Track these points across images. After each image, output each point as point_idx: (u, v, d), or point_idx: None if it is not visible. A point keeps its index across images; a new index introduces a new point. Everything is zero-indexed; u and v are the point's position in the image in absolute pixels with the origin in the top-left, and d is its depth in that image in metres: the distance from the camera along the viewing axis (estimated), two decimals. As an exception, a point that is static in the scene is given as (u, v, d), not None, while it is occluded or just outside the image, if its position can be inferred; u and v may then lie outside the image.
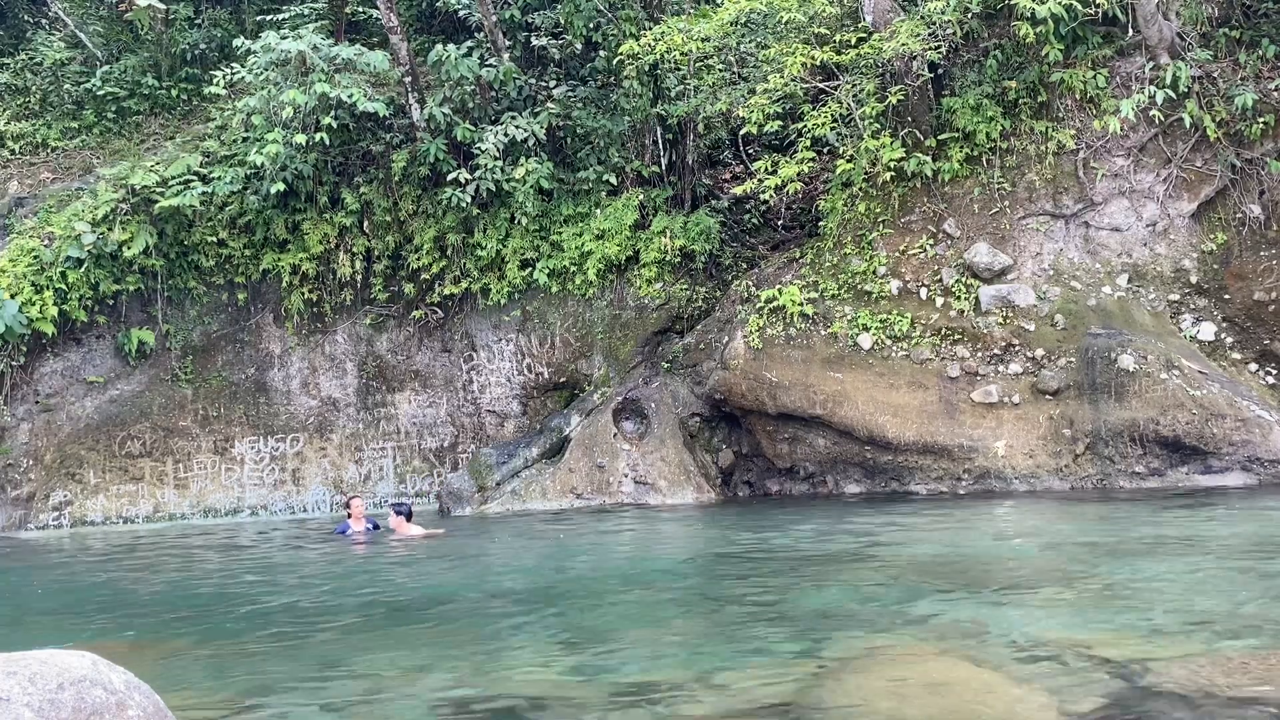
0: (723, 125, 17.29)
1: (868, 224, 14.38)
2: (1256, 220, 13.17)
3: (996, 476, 12.73)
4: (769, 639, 6.15)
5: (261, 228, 15.91)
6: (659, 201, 15.78)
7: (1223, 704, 4.48)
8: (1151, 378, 12.23)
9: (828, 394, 13.49)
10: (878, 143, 13.78)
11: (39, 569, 12.08)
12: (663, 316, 15.53)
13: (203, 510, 15.66)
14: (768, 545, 10.17)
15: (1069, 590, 7.13)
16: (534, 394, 15.97)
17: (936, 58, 13.80)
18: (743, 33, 15.36)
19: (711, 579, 8.91)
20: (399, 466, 16.25)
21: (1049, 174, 13.68)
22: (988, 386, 12.97)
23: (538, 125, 15.29)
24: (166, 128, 17.70)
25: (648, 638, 6.56)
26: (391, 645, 6.66)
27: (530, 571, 9.88)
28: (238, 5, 19.28)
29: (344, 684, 5.70)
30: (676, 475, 14.23)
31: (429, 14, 18.61)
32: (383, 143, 16.07)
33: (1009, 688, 4.86)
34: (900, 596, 7.22)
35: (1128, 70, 13.46)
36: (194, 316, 16.19)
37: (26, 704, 2.99)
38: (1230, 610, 6.26)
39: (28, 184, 16.56)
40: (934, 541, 9.70)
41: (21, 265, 14.81)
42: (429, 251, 15.92)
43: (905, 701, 4.80)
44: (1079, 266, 13.64)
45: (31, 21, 19.51)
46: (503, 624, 7.26)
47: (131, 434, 15.68)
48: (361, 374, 16.41)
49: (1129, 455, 12.37)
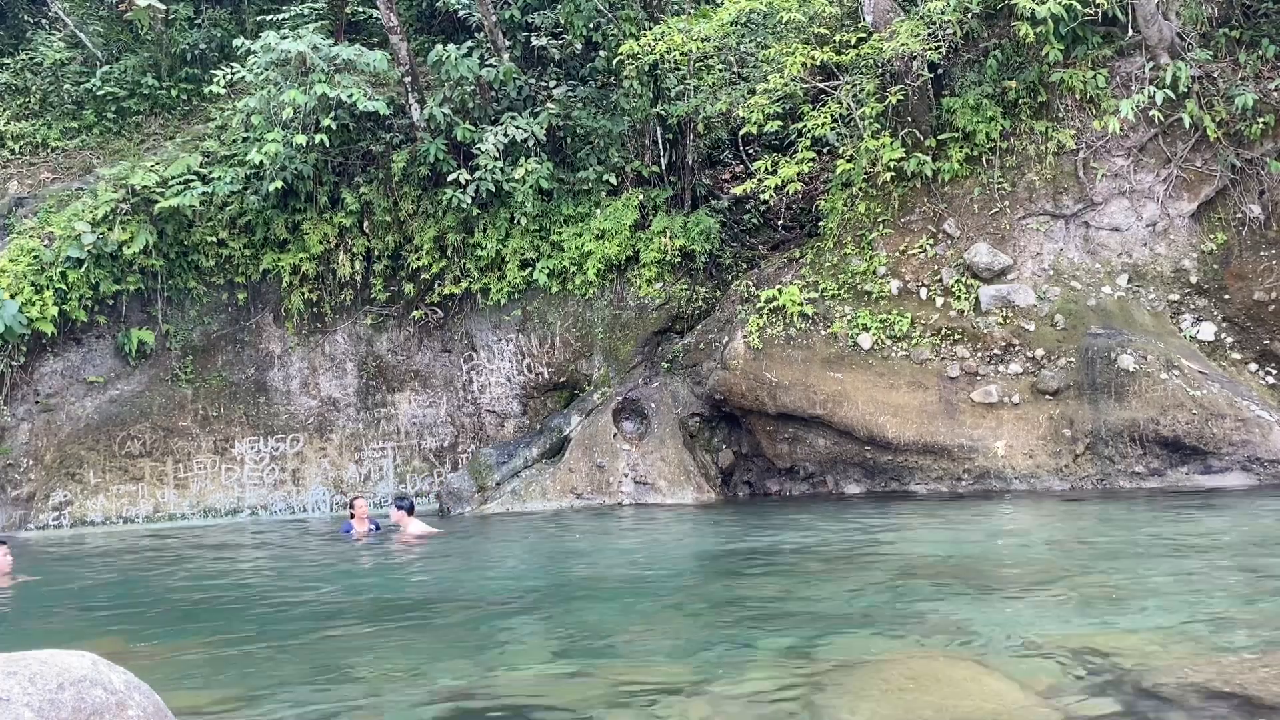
0: (723, 125, 17.29)
1: (868, 224, 14.38)
2: (1256, 220, 13.17)
3: (996, 476, 12.74)
4: (769, 639, 6.14)
5: (261, 228, 15.91)
6: (659, 201, 15.78)
7: (1223, 704, 4.48)
8: (1151, 378, 12.23)
9: (828, 394, 13.49)
10: (878, 143, 13.78)
11: (39, 569, 12.07)
12: (663, 316, 15.53)
13: (203, 510, 15.66)
14: (767, 545, 10.17)
15: (1069, 590, 7.13)
16: (534, 394, 15.96)
17: (936, 58, 13.80)
18: (743, 33, 15.36)
19: (711, 579, 8.91)
20: (399, 466, 16.25)
21: (1049, 174, 13.68)
22: (988, 386, 12.97)
23: (538, 125, 15.29)
24: (166, 128, 17.70)
25: (648, 638, 6.56)
26: (391, 645, 6.66)
27: (529, 572, 9.89)
28: (238, 5, 19.28)
29: (344, 684, 5.70)
30: (676, 475, 14.23)
31: (429, 14, 18.61)
32: (383, 143, 16.07)
33: (1009, 688, 4.86)
34: (900, 596, 7.23)
35: (1128, 70, 13.47)
36: (194, 316, 16.19)
37: (26, 704, 2.99)
38: (1230, 610, 6.26)
39: (28, 184, 16.55)
40: (934, 541, 9.71)
41: (21, 265, 14.81)
42: (429, 251, 15.92)
43: (905, 702, 4.80)
44: (1079, 266, 13.64)
45: (31, 21, 19.51)
46: (502, 624, 7.26)
47: (131, 434, 15.68)
48: (361, 374, 16.41)
49: (1129, 455, 12.37)
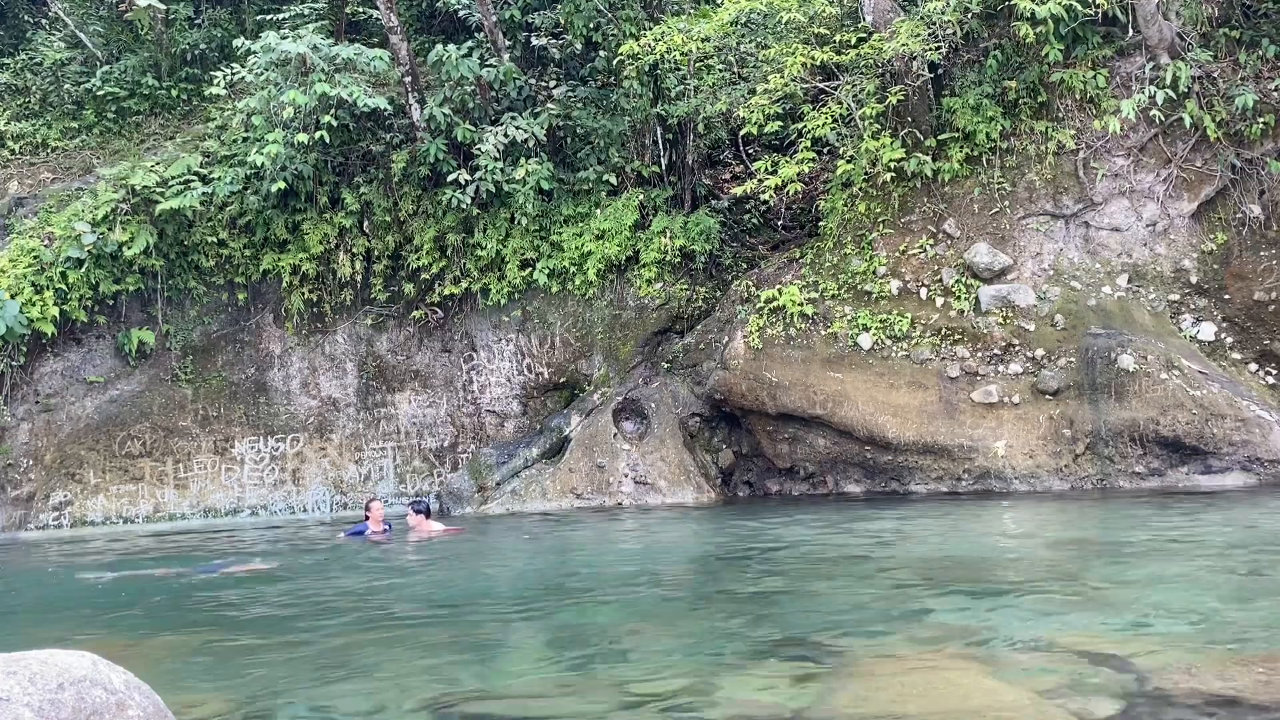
0: (723, 125, 17.27)
1: (868, 224, 14.38)
2: (1256, 220, 13.17)
3: (996, 476, 12.74)
4: (769, 639, 6.15)
5: (261, 228, 15.89)
6: (659, 201, 15.77)
7: (1223, 705, 4.48)
8: (1151, 378, 12.23)
9: (828, 394, 13.49)
10: (878, 143, 13.77)
11: (38, 569, 12.08)
12: (663, 316, 15.53)
13: (203, 510, 15.66)
14: (768, 546, 10.17)
15: (1069, 590, 7.13)
16: (534, 394, 15.96)
17: (936, 58, 13.80)
18: (743, 33, 15.35)
19: (712, 579, 8.91)
20: (399, 466, 16.24)
21: (1049, 174, 13.68)
22: (988, 386, 12.97)
23: (538, 126, 15.28)
24: (166, 128, 17.69)
25: (648, 639, 6.56)
26: (392, 646, 6.65)
27: (530, 572, 9.89)
28: (238, 5, 19.27)
29: (345, 685, 5.70)
30: (676, 475, 14.22)
31: (429, 14, 18.60)
32: (383, 143, 16.06)
33: (1009, 689, 4.86)
34: (900, 597, 7.23)
35: (1128, 70, 13.46)
36: (194, 316, 16.18)
37: (26, 704, 2.99)
38: (1230, 610, 6.26)
39: (28, 184, 16.55)
40: (934, 542, 9.71)
41: (21, 265, 14.81)
42: (429, 252, 15.91)
43: (905, 702, 4.80)
44: (1079, 266, 13.64)
45: (31, 21, 19.51)
46: (503, 626, 7.27)
47: (131, 434, 15.68)
48: (361, 374, 16.41)
49: (1129, 455, 12.37)
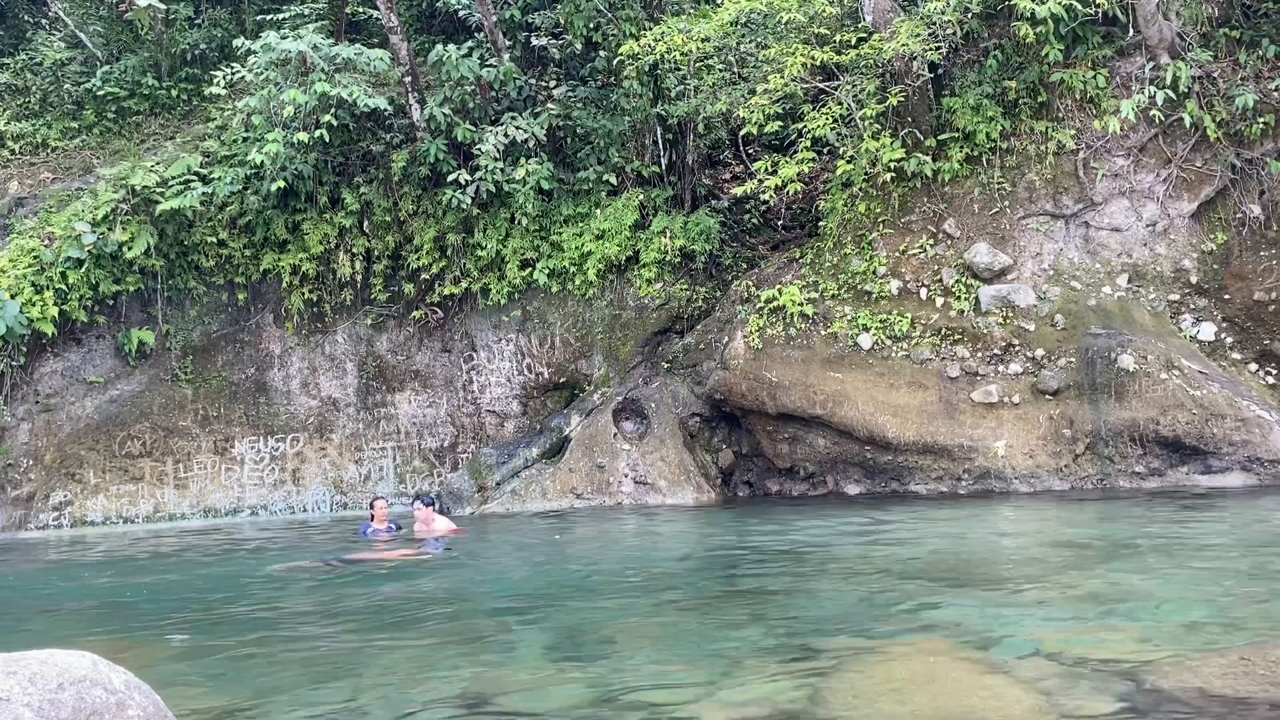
0: (723, 125, 17.27)
1: (868, 224, 14.38)
2: (1256, 220, 13.17)
3: (997, 476, 12.73)
4: (769, 639, 6.14)
5: (261, 228, 15.89)
6: (659, 201, 15.77)
7: (1223, 704, 4.48)
8: (1151, 378, 12.23)
9: (828, 394, 13.49)
10: (878, 143, 13.77)
11: (44, 569, 12.08)
12: (663, 316, 15.53)
13: (203, 510, 15.65)
14: (768, 546, 10.17)
15: (1069, 590, 7.13)
16: (534, 394, 15.96)
17: (936, 58, 13.79)
18: (743, 33, 15.35)
19: (712, 579, 8.91)
20: (399, 466, 16.24)
21: (1049, 174, 13.68)
22: (988, 386, 12.97)
23: (538, 126, 15.28)
24: (166, 128, 17.69)
25: (648, 639, 6.56)
26: (393, 648, 6.65)
27: (530, 572, 9.89)
28: (238, 5, 19.27)
29: (345, 687, 5.69)
30: (676, 475, 14.22)
31: (429, 14, 18.60)
32: (383, 143, 16.06)
33: (1009, 688, 4.86)
34: (900, 597, 7.23)
35: (1128, 70, 13.46)
36: (194, 316, 16.18)
37: (26, 704, 2.99)
38: (1230, 610, 6.26)
39: (28, 184, 16.54)
40: (934, 542, 9.71)
41: (22, 265, 14.80)
42: (429, 252, 15.91)
43: (905, 702, 4.80)
44: (1079, 266, 13.64)
45: (31, 21, 19.51)
46: (504, 626, 7.26)
47: (131, 434, 15.67)
48: (361, 374, 16.40)
49: (1129, 455, 12.37)
